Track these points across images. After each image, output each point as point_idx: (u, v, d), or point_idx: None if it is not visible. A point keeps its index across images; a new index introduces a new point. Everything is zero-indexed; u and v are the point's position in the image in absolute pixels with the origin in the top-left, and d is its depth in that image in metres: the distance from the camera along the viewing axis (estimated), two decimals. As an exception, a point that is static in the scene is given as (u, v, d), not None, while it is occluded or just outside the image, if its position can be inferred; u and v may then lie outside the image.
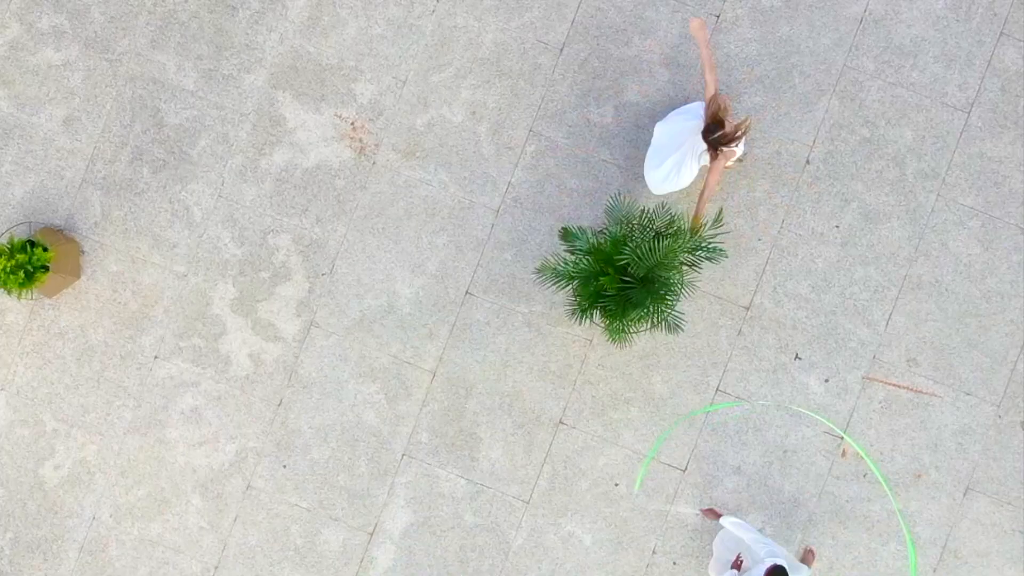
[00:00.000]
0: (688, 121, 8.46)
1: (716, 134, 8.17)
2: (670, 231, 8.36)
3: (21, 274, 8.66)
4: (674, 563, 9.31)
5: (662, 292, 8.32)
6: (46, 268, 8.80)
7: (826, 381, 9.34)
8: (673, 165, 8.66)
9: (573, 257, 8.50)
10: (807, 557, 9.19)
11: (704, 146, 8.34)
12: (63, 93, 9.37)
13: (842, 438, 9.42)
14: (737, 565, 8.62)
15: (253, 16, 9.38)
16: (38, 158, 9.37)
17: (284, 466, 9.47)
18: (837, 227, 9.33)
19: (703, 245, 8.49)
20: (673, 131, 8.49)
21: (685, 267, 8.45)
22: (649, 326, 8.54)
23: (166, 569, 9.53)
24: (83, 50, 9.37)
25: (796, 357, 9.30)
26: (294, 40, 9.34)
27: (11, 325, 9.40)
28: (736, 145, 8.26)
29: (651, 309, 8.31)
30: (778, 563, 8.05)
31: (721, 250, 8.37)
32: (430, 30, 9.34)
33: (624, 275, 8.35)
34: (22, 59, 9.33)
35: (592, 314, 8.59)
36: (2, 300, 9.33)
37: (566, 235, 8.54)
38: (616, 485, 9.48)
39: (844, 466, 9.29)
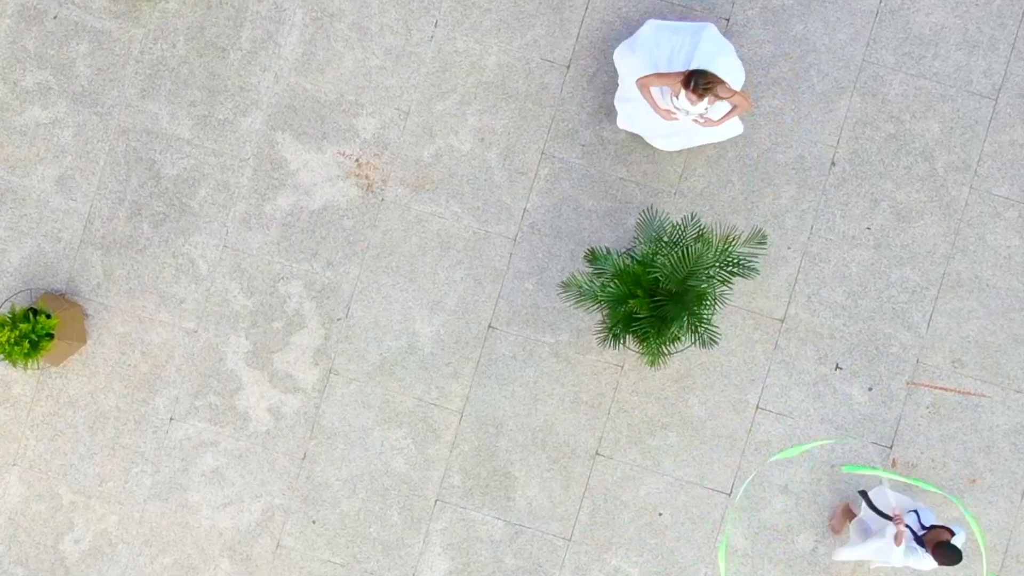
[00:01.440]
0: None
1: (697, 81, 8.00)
2: (701, 240, 8.35)
3: (26, 344, 8.58)
4: (727, 591, 9.30)
5: (696, 305, 8.28)
6: (51, 336, 8.72)
7: (869, 390, 9.23)
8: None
9: (600, 279, 8.48)
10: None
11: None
12: (54, 152, 9.29)
13: (890, 448, 9.24)
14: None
15: (245, 57, 9.29)
16: (33, 221, 9.28)
17: (313, 521, 9.31)
18: (869, 229, 9.23)
19: (736, 260, 8.39)
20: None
21: (717, 282, 8.45)
22: (686, 344, 8.51)
23: (199, 638, 9.40)
24: (71, 106, 9.30)
25: (837, 367, 9.20)
26: (290, 78, 9.26)
27: (18, 397, 9.30)
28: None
29: (687, 324, 8.25)
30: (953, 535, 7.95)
31: (754, 267, 8.35)
32: (430, 57, 9.26)
33: (654, 295, 8.30)
34: (8, 119, 9.26)
35: (624, 339, 8.50)
36: (7, 372, 9.23)
37: (593, 257, 8.51)
38: (660, 515, 9.29)
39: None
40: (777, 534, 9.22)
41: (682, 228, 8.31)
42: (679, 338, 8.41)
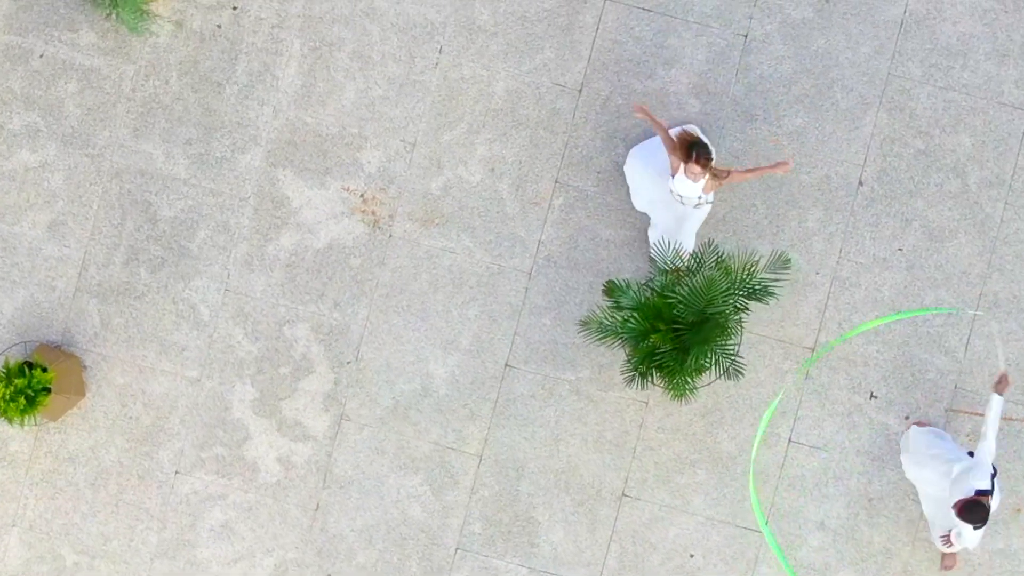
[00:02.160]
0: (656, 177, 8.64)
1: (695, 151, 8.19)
2: (719, 268, 8.25)
3: (22, 400, 8.55)
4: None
5: (717, 335, 8.17)
6: (47, 390, 8.70)
7: (906, 418, 9.07)
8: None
9: (620, 314, 8.35)
10: None
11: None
12: (44, 197, 9.21)
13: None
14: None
15: (242, 91, 9.21)
16: (25, 271, 9.21)
17: (329, 575, 9.07)
18: (900, 250, 9.11)
19: (754, 287, 8.22)
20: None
21: (735, 309, 8.30)
22: (711, 377, 8.38)
23: None
24: (61, 148, 9.23)
25: (871, 396, 9.06)
26: (289, 112, 9.19)
27: (16, 455, 9.18)
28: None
29: (709, 355, 8.15)
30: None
31: (771, 292, 8.21)
32: (435, 85, 9.17)
33: (676, 327, 8.16)
34: (-4, 164, 9.24)
35: (650, 376, 8.37)
36: (3, 429, 9.13)
37: (611, 290, 8.47)
38: (691, 556, 9.09)
39: (936, 508, 8.98)
40: (815, 573, 8.96)
41: (700, 256, 8.24)
42: (703, 369, 8.27)
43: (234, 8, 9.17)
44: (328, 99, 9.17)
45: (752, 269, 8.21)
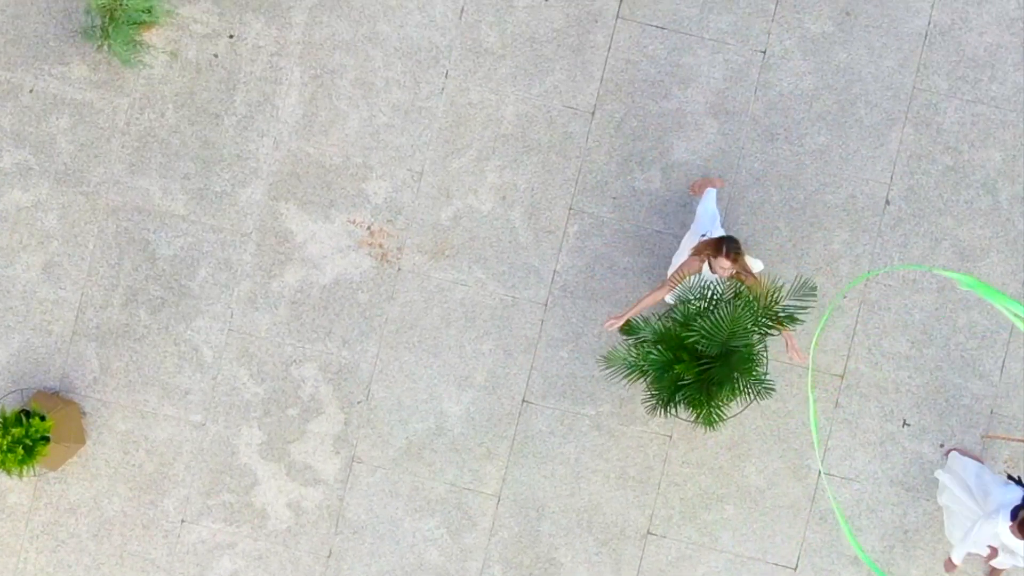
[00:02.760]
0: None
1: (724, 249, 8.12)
2: (738, 299, 8.12)
3: (20, 450, 8.42)
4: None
5: (745, 363, 8.03)
6: (46, 439, 8.57)
7: (941, 446, 8.93)
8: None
9: (642, 348, 8.23)
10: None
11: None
12: (38, 237, 9.09)
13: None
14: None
15: (241, 122, 9.10)
16: (19, 315, 9.08)
17: None
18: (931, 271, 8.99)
19: (778, 315, 8.09)
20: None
21: (760, 338, 8.18)
22: (742, 406, 8.37)
23: None
24: (54, 186, 9.10)
25: (904, 424, 8.93)
26: (291, 143, 9.08)
27: (15, 507, 9.02)
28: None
29: (739, 384, 8.05)
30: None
31: (795, 318, 8.05)
32: (442, 111, 9.07)
33: (700, 357, 8.04)
34: (-13, 204, 9.15)
35: (674, 407, 8.22)
36: (1, 480, 8.98)
37: (628, 328, 8.32)
38: None
39: (974, 538, 8.86)
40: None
41: (717, 285, 8.15)
42: (732, 399, 8.16)
43: (231, 36, 9.07)
44: (331, 128, 9.05)
45: (776, 296, 8.03)
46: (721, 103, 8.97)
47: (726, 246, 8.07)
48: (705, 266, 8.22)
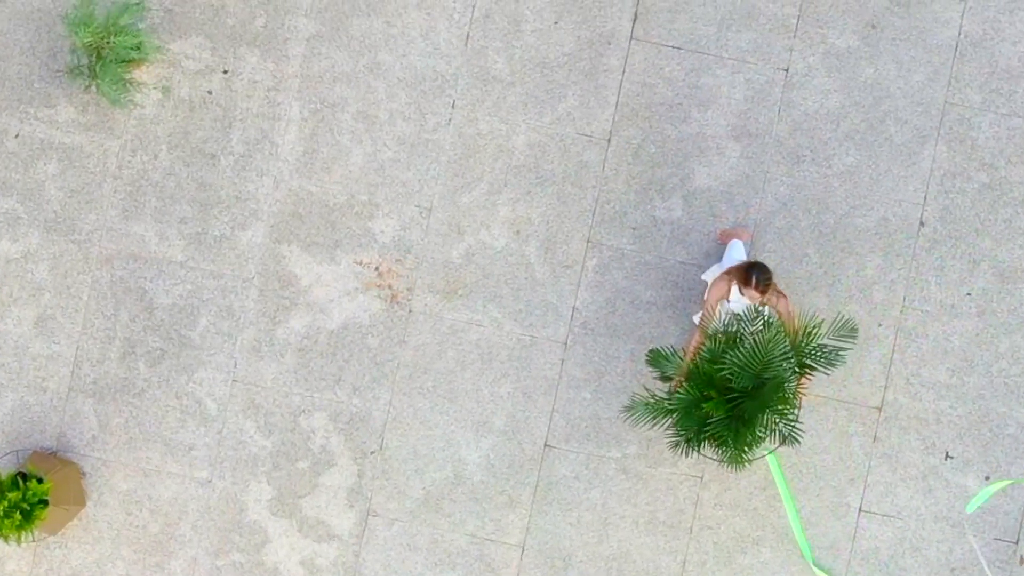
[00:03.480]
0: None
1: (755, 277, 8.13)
2: (770, 327, 8.10)
3: (17, 515, 8.34)
4: None
5: (777, 400, 7.93)
6: (45, 502, 8.50)
7: (986, 479, 8.82)
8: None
9: (667, 386, 8.24)
10: None
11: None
12: (29, 290, 9.06)
13: (1015, 543, 8.80)
14: None
15: (238, 162, 9.06)
16: (12, 372, 9.05)
17: None
18: (969, 295, 8.91)
19: (817, 352, 8.04)
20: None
21: (796, 372, 8.12)
22: (770, 446, 8.24)
23: None
24: (44, 235, 9.08)
25: (947, 457, 8.85)
26: (291, 181, 9.04)
27: (13, 575, 8.97)
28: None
29: (769, 423, 7.97)
30: None
31: (835, 361, 8.00)
32: (450, 143, 9.03)
33: (730, 393, 7.97)
34: (-26, 256, 9.18)
35: (700, 446, 8.17)
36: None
37: (655, 360, 8.25)
38: None
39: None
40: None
41: (746, 317, 8.09)
42: (761, 438, 8.09)
43: (225, 72, 9.00)
44: (333, 165, 9.01)
45: (814, 332, 7.98)
46: (743, 125, 8.88)
47: (755, 277, 8.05)
48: (733, 289, 8.21)
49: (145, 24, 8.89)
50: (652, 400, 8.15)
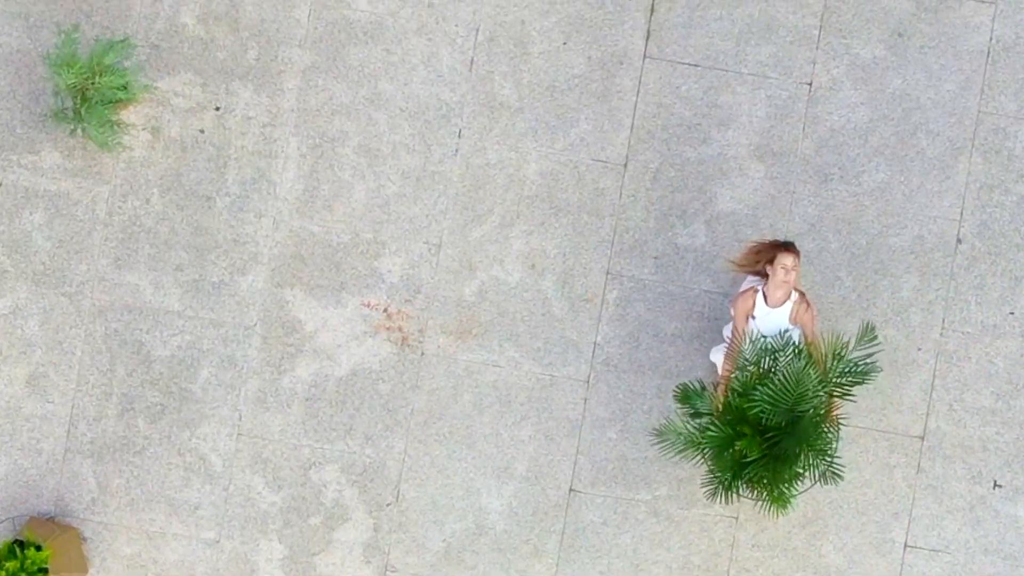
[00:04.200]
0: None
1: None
2: (800, 357, 8.08)
3: None
4: None
5: (815, 429, 7.94)
6: (44, 571, 8.48)
7: None
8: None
9: (699, 421, 8.16)
10: None
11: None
12: (19, 347, 9.05)
13: None
14: None
15: (235, 203, 9.08)
16: (4, 433, 9.03)
17: None
18: (1012, 313, 8.89)
19: (851, 369, 8.02)
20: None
21: (835, 399, 8.17)
22: (808, 484, 8.17)
23: None
24: (33, 288, 9.06)
25: (995, 485, 8.85)
26: (292, 222, 9.06)
27: None
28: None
29: (809, 460, 7.95)
30: None
31: (872, 367, 7.99)
32: (457, 175, 9.04)
33: (765, 431, 7.91)
34: (-41, 314, 9.12)
35: (737, 488, 8.08)
36: None
37: (684, 396, 8.24)
38: None
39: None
40: None
41: (774, 348, 8.02)
42: (800, 476, 8.03)
43: (217, 109, 8.97)
44: (335, 203, 9.01)
45: (842, 352, 7.91)
46: (766, 144, 8.88)
47: (784, 243, 8.15)
48: (759, 302, 8.18)
49: (131, 62, 8.85)
50: (683, 425, 8.06)
